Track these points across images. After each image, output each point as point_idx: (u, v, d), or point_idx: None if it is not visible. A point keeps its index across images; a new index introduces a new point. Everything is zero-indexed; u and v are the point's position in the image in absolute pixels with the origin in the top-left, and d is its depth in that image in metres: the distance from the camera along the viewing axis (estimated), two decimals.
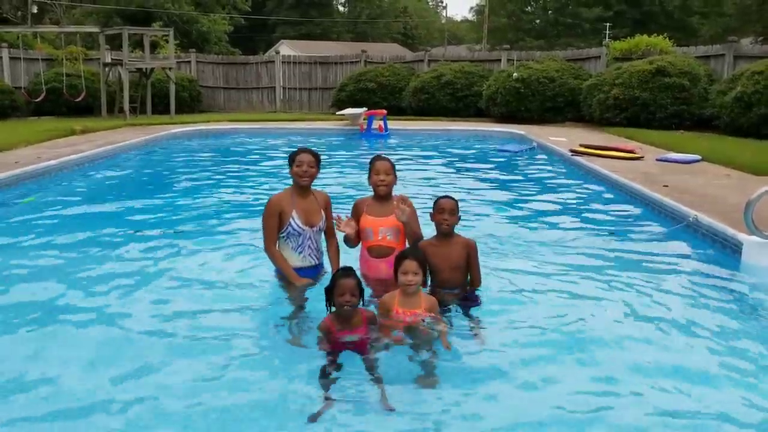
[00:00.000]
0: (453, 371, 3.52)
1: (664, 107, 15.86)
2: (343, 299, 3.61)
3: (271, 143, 15.15)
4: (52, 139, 13.41)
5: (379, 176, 4.51)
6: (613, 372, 3.57)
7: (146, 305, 4.51)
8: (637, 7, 46.97)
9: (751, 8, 31.32)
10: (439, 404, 3.23)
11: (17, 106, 19.63)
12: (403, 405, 3.19)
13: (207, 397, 3.28)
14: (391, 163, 4.58)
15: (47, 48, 23.09)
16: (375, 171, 4.54)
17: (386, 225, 4.51)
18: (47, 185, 9.31)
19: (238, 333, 4.04)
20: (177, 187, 9.70)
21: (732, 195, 7.57)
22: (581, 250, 5.96)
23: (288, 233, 4.55)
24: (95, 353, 3.75)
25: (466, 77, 20.23)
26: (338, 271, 3.80)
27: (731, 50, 16.78)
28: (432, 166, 11.42)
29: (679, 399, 3.31)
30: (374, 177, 4.54)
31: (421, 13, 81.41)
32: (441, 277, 4.35)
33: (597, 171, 9.75)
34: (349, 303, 3.62)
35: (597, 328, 4.18)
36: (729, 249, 5.72)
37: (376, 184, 4.55)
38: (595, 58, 19.66)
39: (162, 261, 5.57)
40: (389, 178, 4.53)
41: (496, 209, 7.83)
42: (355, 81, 21.74)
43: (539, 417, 3.15)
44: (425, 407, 3.20)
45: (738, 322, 4.32)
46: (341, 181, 9.52)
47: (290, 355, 3.75)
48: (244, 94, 24.50)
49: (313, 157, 4.60)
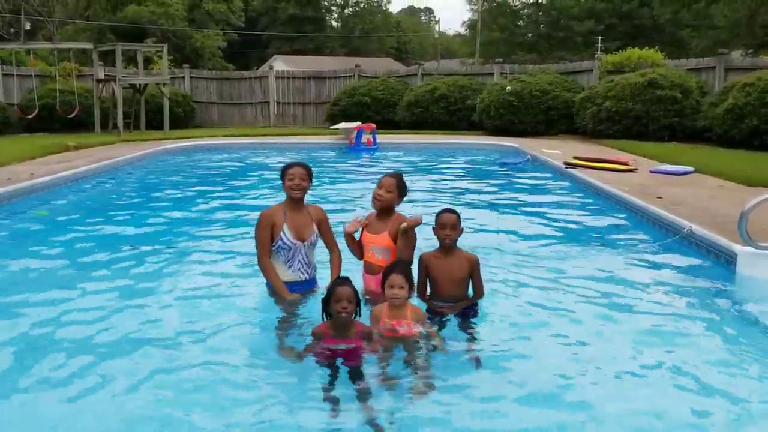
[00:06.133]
0: (447, 383, 3.50)
1: (657, 119, 15.93)
2: (339, 306, 3.62)
3: (264, 158, 15.16)
4: (45, 156, 13.36)
5: (380, 190, 4.51)
6: (607, 383, 3.55)
7: (138, 318, 4.48)
8: (628, 21, 47.43)
9: (741, 21, 31.58)
10: (431, 414, 3.21)
11: (10, 123, 19.56)
12: (392, 416, 3.18)
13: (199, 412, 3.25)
14: (397, 182, 4.53)
15: (40, 64, 23.08)
16: (378, 184, 4.55)
17: (376, 243, 4.51)
18: (41, 201, 9.25)
19: (231, 346, 4.02)
20: (171, 202, 9.66)
21: (726, 206, 7.58)
22: (575, 262, 5.95)
23: (278, 247, 4.54)
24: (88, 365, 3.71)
25: (460, 91, 20.31)
26: (335, 280, 3.83)
27: (722, 63, 16.90)
28: (421, 178, 11.42)
29: (672, 410, 3.28)
30: (376, 189, 4.56)
31: (414, 27, 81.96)
32: (442, 290, 4.35)
33: (591, 183, 9.76)
34: (345, 310, 3.62)
35: (590, 339, 4.16)
36: (723, 260, 5.71)
37: (373, 197, 4.56)
38: (588, 71, 19.78)
39: (154, 275, 5.55)
40: (388, 194, 4.49)
41: (488, 221, 7.81)
42: (349, 95, 21.78)
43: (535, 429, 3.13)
44: (417, 419, 3.18)
45: (732, 333, 4.31)
46: (325, 194, 9.48)
47: (279, 364, 3.74)
48: (238, 110, 24.51)
49: (304, 170, 4.60)
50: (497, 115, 18.50)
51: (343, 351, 3.67)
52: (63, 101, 19.28)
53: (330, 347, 3.68)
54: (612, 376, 3.65)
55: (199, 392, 3.46)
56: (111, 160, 12.75)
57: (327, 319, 3.74)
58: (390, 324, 3.85)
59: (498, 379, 3.61)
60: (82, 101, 19.57)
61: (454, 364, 3.72)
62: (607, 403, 3.36)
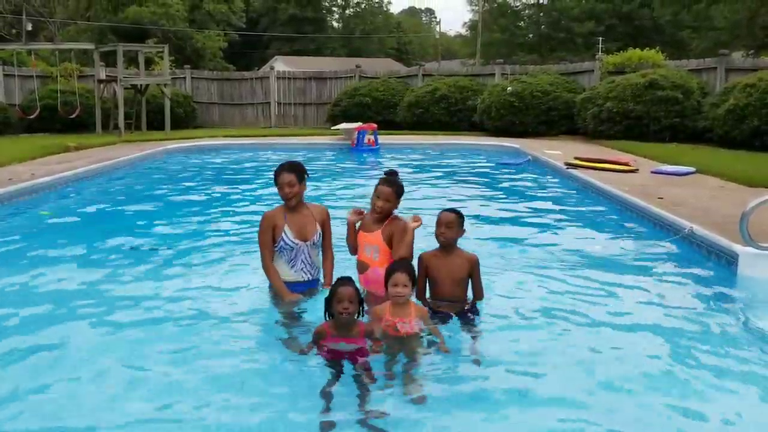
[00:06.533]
0: (447, 383, 3.50)
1: (658, 120, 15.93)
2: (341, 306, 3.62)
3: (265, 158, 15.15)
4: (46, 156, 13.37)
5: (378, 200, 4.48)
6: (608, 384, 3.54)
7: (139, 319, 4.48)
8: (628, 22, 47.44)
9: (742, 23, 31.61)
10: (431, 414, 3.21)
11: (11, 123, 19.57)
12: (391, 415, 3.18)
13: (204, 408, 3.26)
14: (394, 190, 4.49)
15: (42, 65, 23.09)
16: (376, 193, 4.50)
17: (368, 240, 4.51)
18: (42, 201, 9.26)
19: (234, 346, 4.02)
20: (172, 202, 9.66)
21: (727, 206, 7.58)
22: (575, 263, 5.95)
23: (281, 247, 4.54)
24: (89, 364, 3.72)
25: (460, 91, 20.31)
26: (338, 280, 3.82)
27: (723, 63, 16.90)
28: (422, 179, 11.42)
29: (673, 411, 3.28)
30: (373, 197, 4.53)
31: (415, 28, 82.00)
32: (441, 290, 4.36)
33: (592, 183, 9.76)
34: (347, 310, 3.63)
35: (590, 340, 4.17)
36: (725, 261, 5.71)
37: (372, 207, 4.53)
38: (589, 71, 19.78)
39: (154, 276, 5.54)
40: (387, 204, 4.47)
41: (489, 222, 7.82)
42: (350, 96, 21.79)
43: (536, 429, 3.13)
44: (417, 418, 3.18)
45: (733, 333, 4.31)
46: (326, 195, 9.48)
47: (285, 363, 3.75)
48: (239, 110, 24.52)
49: (292, 174, 4.53)
50: (498, 115, 18.49)
51: (345, 350, 3.67)
52: (64, 102, 19.29)
53: (332, 346, 3.68)
54: (613, 376, 3.64)
55: (200, 391, 3.45)
56: (112, 161, 12.76)
57: (329, 319, 3.75)
58: (393, 322, 3.86)
59: (498, 380, 3.60)
60: (83, 102, 19.58)
61: (454, 365, 3.72)
62: (608, 404, 3.36)
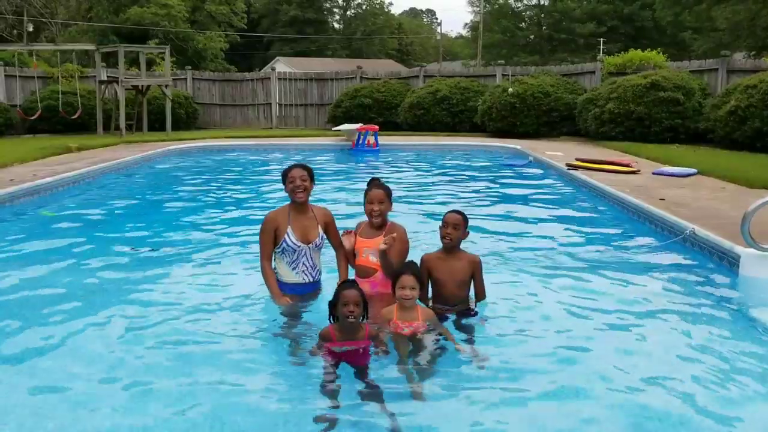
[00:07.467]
0: (451, 384, 3.50)
1: (659, 121, 15.93)
2: (347, 310, 3.60)
3: (266, 159, 15.17)
4: (47, 157, 13.37)
5: (372, 205, 4.46)
6: (609, 385, 3.54)
7: (140, 319, 4.47)
8: (630, 23, 47.47)
9: (743, 24, 31.62)
10: (435, 415, 3.21)
11: (12, 125, 19.59)
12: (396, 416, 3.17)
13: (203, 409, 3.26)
14: (385, 191, 4.50)
15: (43, 66, 23.12)
16: (369, 199, 4.48)
17: (370, 246, 4.49)
18: (43, 202, 9.25)
19: (234, 347, 4.02)
20: (173, 203, 9.67)
21: (728, 208, 7.57)
22: (577, 263, 5.95)
23: (283, 249, 4.53)
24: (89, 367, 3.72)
25: (462, 92, 20.31)
26: (342, 283, 3.80)
27: (724, 65, 16.91)
28: (422, 180, 11.42)
29: (673, 412, 3.28)
30: (367, 205, 4.49)
31: (416, 29, 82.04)
32: (443, 291, 4.35)
33: (593, 185, 9.75)
34: (352, 314, 3.61)
35: (592, 341, 4.16)
36: (726, 262, 5.70)
37: (369, 213, 4.51)
38: (590, 73, 19.79)
39: (155, 276, 5.54)
40: (382, 206, 4.46)
41: (490, 223, 7.80)
42: (351, 97, 21.79)
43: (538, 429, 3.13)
44: (421, 419, 3.18)
45: (735, 335, 4.30)
46: (329, 196, 9.48)
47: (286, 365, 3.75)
48: (240, 111, 24.54)
49: (305, 171, 4.56)
50: (499, 117, 18.50)
51: (350, 352, 3.65)
52: (65, 103, 19.30)
53: (337, 349, 3.67)
54: (614, 377, 3.64)
55: (200, 390, 3.45)
56: (113, 162, 12.76)
57: (334, 322, 3.73)
58: (400, 326, 3.86)
59: (501, 381, 3.60)
60: (84, 103, 19.59)
61: (457, 366, 3.72)
62: (609, 404, 3.35)
